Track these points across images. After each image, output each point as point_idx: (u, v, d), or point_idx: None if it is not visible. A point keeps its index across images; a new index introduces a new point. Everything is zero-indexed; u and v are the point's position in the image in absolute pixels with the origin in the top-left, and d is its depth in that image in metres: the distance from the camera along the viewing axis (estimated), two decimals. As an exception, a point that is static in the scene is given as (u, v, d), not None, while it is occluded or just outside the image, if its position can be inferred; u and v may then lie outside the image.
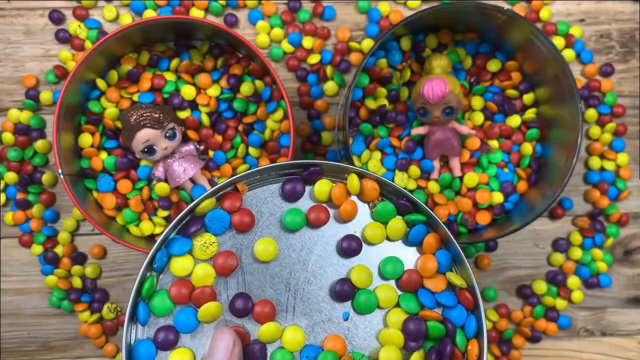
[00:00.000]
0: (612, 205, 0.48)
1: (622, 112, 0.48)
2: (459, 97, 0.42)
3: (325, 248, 0.31)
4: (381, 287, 0.31)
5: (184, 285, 0.29)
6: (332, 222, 0.32)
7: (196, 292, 0.29)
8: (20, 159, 0.45)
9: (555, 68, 0.41)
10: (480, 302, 0.30)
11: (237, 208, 0.31)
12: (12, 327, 0.46)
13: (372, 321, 0.31)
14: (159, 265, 0.29)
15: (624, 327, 0.49)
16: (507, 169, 0.45)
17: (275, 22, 0.46)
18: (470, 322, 0.31)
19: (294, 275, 0.31)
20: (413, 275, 0.31)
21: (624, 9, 0.48)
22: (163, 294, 0.29)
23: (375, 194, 0.32)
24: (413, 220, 0.32)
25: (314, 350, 0.30)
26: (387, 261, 0.31)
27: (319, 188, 0.31)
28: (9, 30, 0.46)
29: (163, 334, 0.29)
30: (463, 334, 0.30)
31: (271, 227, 0.31)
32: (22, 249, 0.46)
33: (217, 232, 0.30)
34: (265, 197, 0.31)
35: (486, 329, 0.30)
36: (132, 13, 0.46)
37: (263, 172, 0.31)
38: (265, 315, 0.30)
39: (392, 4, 0.47)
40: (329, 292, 0.31)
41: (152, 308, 0.29)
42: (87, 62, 0.39)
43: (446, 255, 0.32)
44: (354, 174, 0.32)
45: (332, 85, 0.46)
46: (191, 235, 0.30)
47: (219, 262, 0.30)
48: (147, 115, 0.40)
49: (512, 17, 0.40)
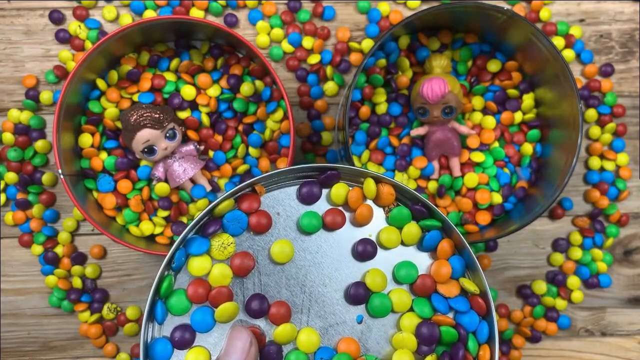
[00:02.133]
0: (612, 205, 0.48)
1: (622, 112, 0.48)
2: (459, 97, 0.42)
3: (340, 251, 0.32)
4: (395, 291, 0.31)
5: (201, 285, 0.29)
6: (347, 225, 0.32)
7: (213, 292, 0.29)
8: (21, 159, 0.45)
9: (555, 68, 0.41)
10: (492, 308, 0.31)
11: (255, 209, 0.31)
12: (12, 327, 0.46)
13: (385, 325, 0.31)
14: (177, 265, 0.29)
15: (623, 327, 0.49)
16: (507, 169, 0.45)
17: (275, 22, 0.46)
18: (482, 327, 0.31)
19: (309, 277, 0.31)
20: (427, 280, 0.31)
21: (624, 9, 0.48)
22: (180, 293, 0.29)
23: (391, 198, 0.32)
24: (428, 225, 0.32)
25: (328, 352, 0.30)
26: (402, 266, 0.32)
27: (335, 191, 0.32)
28: (9, 31, 0.46)
29: (180, 333, 0.29)
30: (475, 340, 0.31)
31: (287, 229, 0.31)
32: (22, 249, 0.46)
33: (234, 233, 0.31)
34: (282, 199, 0.32)
35: (498, 335, 0.31)
36: (132, 13, 0.46)
37: (281, 174, 0.31)
38: (281, 317, 0.30)
39: (392, 4, 0.47)
40: (343, 295, 0.31)
41: (169, 307, 0.29)
42: (87, 62, 0.39)
43: (460, 261, 0.32)
44: (371, 179, 0.32)
45: (332, 85, 0.46)
46: (209, 236, 0.30)
47: (237, 263, 0.30)
48: (147, 116, 0.40)
49: (512, 17, 0.40)
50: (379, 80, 0.44)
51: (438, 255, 0.32)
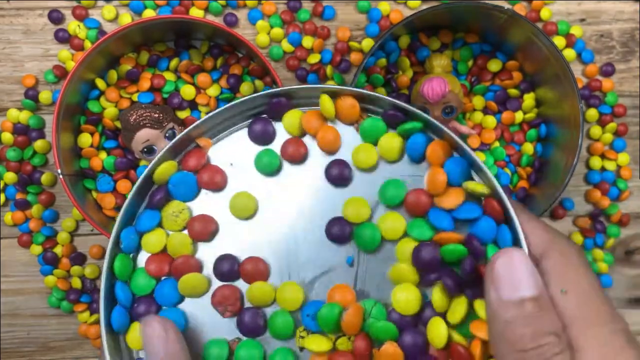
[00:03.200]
0: (613, 205, 0.48)
1: (623, 112, 0.48)
2: (459, 97, 0.42)
3: (314, 186, 0.27)
4: (384, 217, 0.26)
5: (161, 259, 0.26)
6: (315, 156, 0.27)
7: (175, 263, 0.26)
8: (20, 159, 0.45)
9: (555, 68, 0.41)
10: (511, 210, 0.25)
11: (203, 166, 0.27)
12: (11, 328, 0.46)
13: (383, 261, 0.26)
14: (127, 245, 0.26)
15: (624, 327, 0.49)
16: (508, 169, 0.45)
17: (275, 21, 0.46)
18: (503, 232, 0.25)
19: (283, 226, 0.27)
20: (420, 195, 0.26)
21: (625, 8, 0.48)
22: (141, 272, 0.27)
23: (355, 111, 0.27)
24: (407, 130, 0.27)
25: (317, 305, 0.26)
26: (387, 185, 0.27)
27: (288, 121, 0.27)
28: (8, 30, 0.45)
29: (144, 307, 0.26)
30: (496, 248, 0.25)
31: (247, 179, 0.27)
32: (21, 249, 0.46)
33: (186, 198, 0.27)
34: (233, 147, 0.28)
35: (524, 241, 0.25)
36: (132, 13, 0.46)
37: (224, 115, 0.27)
38: (257, 274, 0.26)
39: (392, 3, 0.47)
40: (326, 236, 0.27)
41: (132, 289, 0.26)
42: (87, 62, 0.39)
43: (458, 163, 0.26)
44: (325, 95, 0.27)
45: (332, 85, 0.46)
46: (157, 206, 0.27)
47: (195, 228, 0.26)
48: (147, 115, 0.40)
49: (512, 17, 0.39)
50: (379, 80, 0.44)
51: (429, 161, 0.27)
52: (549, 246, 0.25)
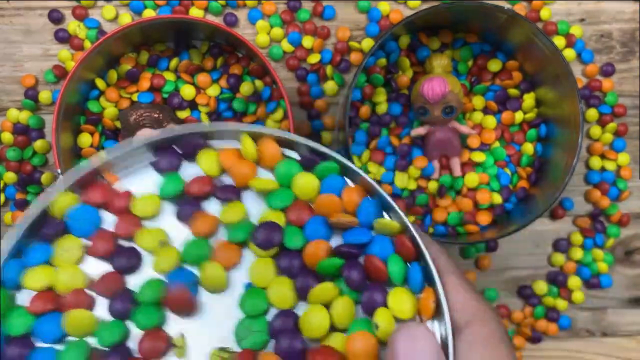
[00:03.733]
0: (613, 205, 0.48)
1: (623, 112, 0.48)
2: (459, 97, 0.42)
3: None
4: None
5: (47, 297, 0.23)
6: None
7: (67, 298, 0.23)
8: (20, 158, 0.45)
9: (555, 68, 0.41)
10: (422, 247, 0.24)
11: (107, 201, 0.25)
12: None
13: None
14: (8, 278, 0.23)
15: (624, 327, 0.49)
16: (508, 169, 0.45)
17: (275, 21, 0.46)
18: (414, 271, 0.24)
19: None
20: (299, 205, 0.25)
21: (625, 8, 0.48)
22: (19, 311, 0.23)
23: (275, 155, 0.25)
24: (323, 171, 0.25)
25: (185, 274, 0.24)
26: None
27: (203, 161, 0.25)
28: (8, 30, 0.45)
29: (16, 350, 0.23)
30: (399, 260, 0.24)
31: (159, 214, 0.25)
32: (21, 249, 0.46)
33: (84, 234, 0.24)
34: (142, 184, 0.25)
35: (446, 306, 0.23)
36: (132, 12, 0.46)
37: (125, 152, 0.25)
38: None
39: (392, 3, 0.47)
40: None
41: (8, 330, 0.23)
42: (86, 62, 0.39)
43: (371, 204, 0.25)
44: (247, 136, 0.25)
45: (332, 85, 0.46)
46: (49, 240, 0.24)
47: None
48: (147, 115, 0.40)
49: (512, 17, 0.39)
50: (379, 80, 0.44)
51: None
52: (475, 315, 0.24)
